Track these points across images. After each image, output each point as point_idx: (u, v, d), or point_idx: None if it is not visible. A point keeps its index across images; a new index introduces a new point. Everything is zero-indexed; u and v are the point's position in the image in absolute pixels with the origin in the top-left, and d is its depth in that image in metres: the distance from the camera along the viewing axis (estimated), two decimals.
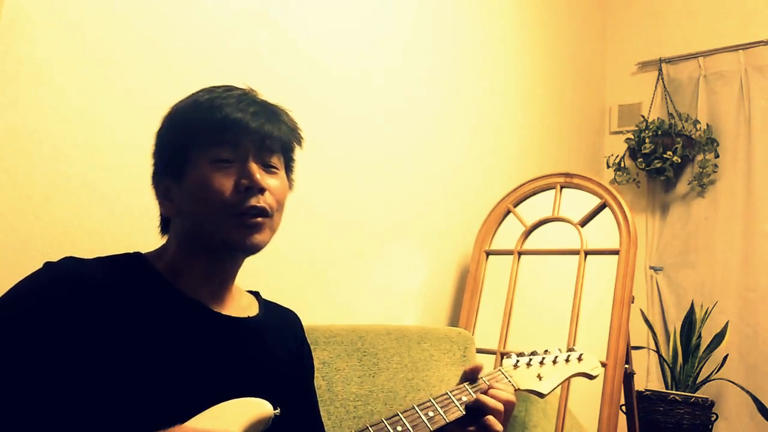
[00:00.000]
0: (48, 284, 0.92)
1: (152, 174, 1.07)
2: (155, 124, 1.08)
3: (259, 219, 0.99)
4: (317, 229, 1.88)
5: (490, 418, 1.04)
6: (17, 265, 1.01)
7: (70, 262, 0.96)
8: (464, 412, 1.05)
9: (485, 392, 1.07)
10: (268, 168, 1.02)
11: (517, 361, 1.20)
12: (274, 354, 1.10)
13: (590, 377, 1.27)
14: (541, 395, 1.18)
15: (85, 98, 1.36)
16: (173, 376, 0.93)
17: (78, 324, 0.90)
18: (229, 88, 1.04)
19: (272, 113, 1.04)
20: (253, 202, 0.98)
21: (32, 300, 0.91)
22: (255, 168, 0.99)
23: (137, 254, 1.05)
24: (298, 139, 1.09)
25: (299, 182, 1.82)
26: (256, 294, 1.18)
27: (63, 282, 0.92)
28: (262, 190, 0.99)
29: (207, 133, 0.99)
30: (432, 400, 1.04)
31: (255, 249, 1.01)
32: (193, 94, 1.05)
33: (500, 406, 1.05)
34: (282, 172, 1.06)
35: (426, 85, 2.35)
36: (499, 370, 1.16)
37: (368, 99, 2.09)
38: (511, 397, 1.07)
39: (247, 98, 1.03)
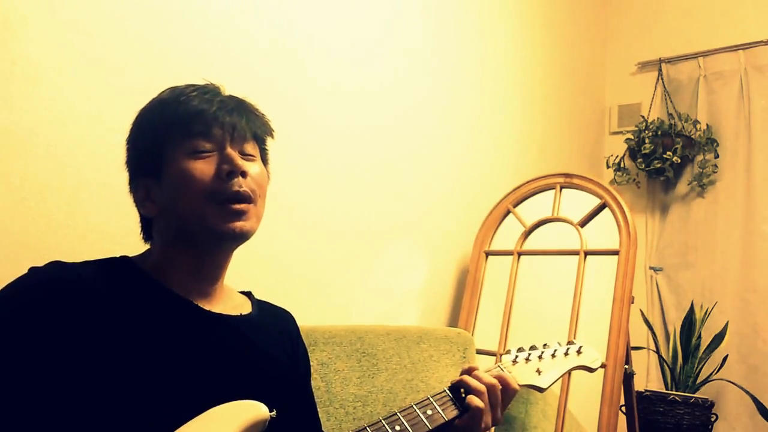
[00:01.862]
0: (33, 289, 0.92)
1: (129, 180, 1.06)
2: None
3: (243, 205, 0.99)
4: (317, 230, 1.88)
5: (471, 397, 1.03)
6: (13, 266, 1.00)
7: (54, 266, 0.95)
8: (462, 410, 1.04)
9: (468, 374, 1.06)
10: (244, 155, 1.02)
11: (516, 356, 1.18)
12: (270, 351, 1.10)
13: (590, 370, 1.25)
14: (540, 389, 1.17)
15: (80, 98, 1.35)
16: (167, 376, 0.93)
17: (66, 327, 0.89)
18: (191, 85, 1.04)
19: (239, 104, 1.05)
20: (236, 187, 0.98)
21: (17, 306, 0.90)
22: (233, 153, 1.00)
23: (124, 257, 1.05)
24: (269, 129, 1.09)
25: (299, 185, 1.83)
26: (248, 294, 1.18)
27: (48, 286, 0.91)
28: (243, 173, 0.99)
29: (179, 127, 0.99)
30: (430, 398, 1.03)
31: (241, 236, 1.00)
32: (156, 96, 1.06)
33: (481, 387, 1.03)
34: (259, 160, 1.07)
35: (427, 86, 2.34)
36: (498, 366, 1.15)
37: (368, 102, 2.08)
38: (493, 381, 1.05)
39: (211, 91, 1.03)
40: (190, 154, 0.98)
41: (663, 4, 3.52)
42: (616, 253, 2.13)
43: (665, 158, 3.13)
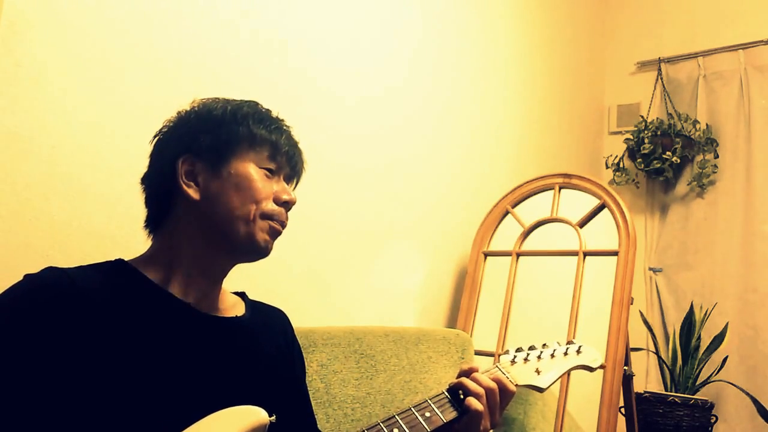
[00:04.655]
0: (27, 297, 0.91)
1: (175, 148, 1.05)
2: (154, 127, 1.09)
3: (281, 229, 1.07)
4: (315, 231, 1.87)
5: (470, 399, 1.03)
6: (16, 267, 1.00)
7: (49, 272, 0.95)
8: (460, 412, 1.04)
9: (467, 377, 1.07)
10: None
11: (515, 356, 1.17)
12: (265, 352, 1.10)
13: (590, 369, 1.24)
14: (539, 390, 1.16)
15: (83, 101, 1.35)
16: (164, 380, 0.92)
17: (62, 334, 0.88)
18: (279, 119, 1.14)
19: (299, 149, 1.16)
20: (284, 217, 1.08)
21: (11, 314, 0.89)
22: (289, 188, 1.12)
23: (120, 261, 1.04)
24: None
25: (298, 186, 1.82)
26: (241, 294, 1.18)
27: (42, 293, 0.91)
28: (291, 207, 1.10)
29: (266, 146, 1.07)
30: (428, 401, 1.03)
31: (266, 254, 1.06)
32: (221, 99, 1.11)
33: (480, 390, 1.04)
34: None
35: (426, 87, 2.33)
36: (497, 366, 1.14)
37: (368, 103, 2.07)
38: (492, 384, 1.05)
39: (292, 138, 1.14)
40: (260, 167, 1.06)
41: (662, 4, 3.52)
42: (615, 253, 2.12)
43: (665, 158, 3.13)
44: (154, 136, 1.10)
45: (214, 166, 1.03)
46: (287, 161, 1.10)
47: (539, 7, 3.06)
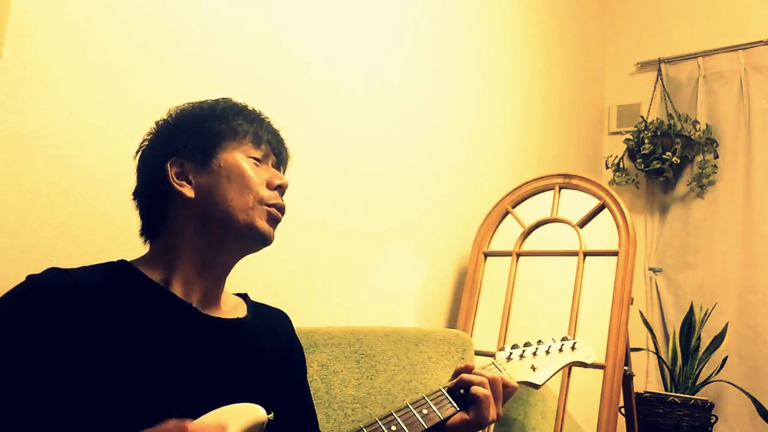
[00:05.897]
0: (29, 297, 0.91)
1: (161, 154, 1.06)
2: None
3: (280, 215, 1.08)
4: (315, 231, 1.87)
5: (475, 388, 1.04)
6: (22, 268, 1.00)
7: (51, 273, 0.95)
8: (458, 408, 1.05)
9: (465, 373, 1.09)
10: None
11: (510, 353, 1.18)
12: (266, 353, 1.10)
13: (585, 365, 1.26)
14: (535, 386, 1.17)
15: (89, 102, 1.35)
16: (166, 381, 0.93)
17: (63, 334, 0.88)
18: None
19: (281, 136, 1.18)
20: (281, 200, 1.08)
21: (13, 315, 0.90)
22: (280, 173, 1.13)
23: (123, 261, 1.05)
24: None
25: (298, 186, 1.82)
26: (244, 296, 1.18)
27: (44, 294, 0.91)
28: (284, 191, 1.11)
29: (249, 136, 1.09)
30: (426, 398, 1.04)
31: (268, 241, 1.07)
32: (229, 99, 1.14)
33: (484, 380, 1.05)
34: None
35: (426, 88, 2.34)
36: (492, 362, 1.15)
37: (368, 103, 2.08)
38: (496, 375, 1.07)
39: (272, 126, 1.16)
40: (247, 157, 1.07)
41: (662, 4, 3.52)
42: (615, 254, 2.12)
43: (664, 158, 3.13)
44: (137, 150, 1.11)
45: (202, 163, 1.05)
46: (271, 149, 1.12)
47: (539, 7, 3.06)
